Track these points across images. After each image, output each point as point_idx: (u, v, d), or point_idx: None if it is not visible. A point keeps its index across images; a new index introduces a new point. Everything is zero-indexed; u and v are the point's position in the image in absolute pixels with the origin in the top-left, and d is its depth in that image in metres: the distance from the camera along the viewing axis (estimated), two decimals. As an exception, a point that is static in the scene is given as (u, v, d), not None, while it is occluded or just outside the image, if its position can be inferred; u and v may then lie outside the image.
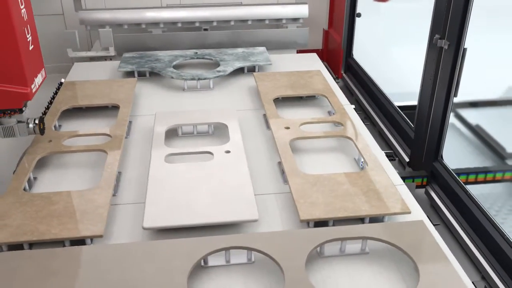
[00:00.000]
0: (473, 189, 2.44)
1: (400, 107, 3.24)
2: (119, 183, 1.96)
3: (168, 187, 1.82)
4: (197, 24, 3.56)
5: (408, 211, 1.72)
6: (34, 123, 2.00)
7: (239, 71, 2.99)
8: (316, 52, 3.52)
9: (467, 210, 2.33)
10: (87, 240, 1.62)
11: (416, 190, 2.63)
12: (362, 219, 1.73)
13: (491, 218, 2.20)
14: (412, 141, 2.87)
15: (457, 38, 2.33)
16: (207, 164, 1.97)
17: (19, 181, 1.85)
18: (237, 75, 2.97)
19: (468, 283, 1.48)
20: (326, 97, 2.58)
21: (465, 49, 2.31)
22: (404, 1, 4.58)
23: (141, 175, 2.01)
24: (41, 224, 1.62)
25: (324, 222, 1.70)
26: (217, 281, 1.50)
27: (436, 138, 2.57)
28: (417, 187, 2.65)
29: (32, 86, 1.87)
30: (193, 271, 1.47)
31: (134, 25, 3.50)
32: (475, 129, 3.34)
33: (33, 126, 2.00)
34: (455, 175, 2.48)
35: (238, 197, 1.77)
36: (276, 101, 2.54)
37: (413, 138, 2.85)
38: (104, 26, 3.44)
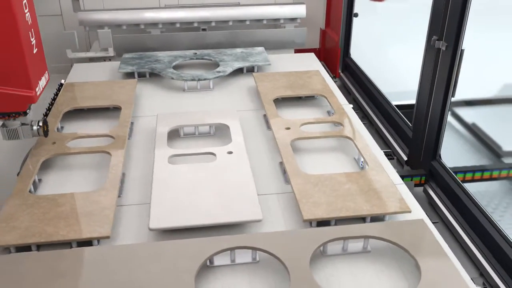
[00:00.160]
0: (470, 187, 2.48)
1: (396, 106, 3.27)
2: (123, 184, 1.98)
3: (172, 188, 1.84)
4: (195, 25, 3.58)
5: (408, 210, 1.75)
6: (38, 125, 2.01)
7: (238, 71, 3.01)
8: (313, 51, 3.54)
9: (465, 208, 2.37)
10: (93, 241, 1.65)
11: (415, 188, 2.67)
12: (363, 218, 1.76)
13: (489, 216, 2.24)
14: (410, 140, 2.90)
15: (454, 40, 2.36)
16: (210, 165, 1.99)
17: (24, 183, 1.87)
18: (236, 75, 3.00)
19: (467, 279, 1.51)
20: (325, 97, 2.61)
21: (462, 51, 2.35)
22: (400, 1, 4.62)
23: (144, 176, 2.03)
24: (49, 226, 1.64)
25: (326, 221, 1.74)
26: (223, 280, 1.53)
27: (434, 138, 2.61)
28: (415, 186, 2.69)
29: (37, 89, 1.89)
30: (199, 270, 1.50)
31: (133, 25, 3.51)
32: (471, 128, 3.38)
33: (37, 128, 2.01)
34: (453, 173, 2.52)
35: (242, 197, 1.80)
36: (276, 101, 2.56)
37: (411, 138, 2.88)
38: (103, 27, 3.45)
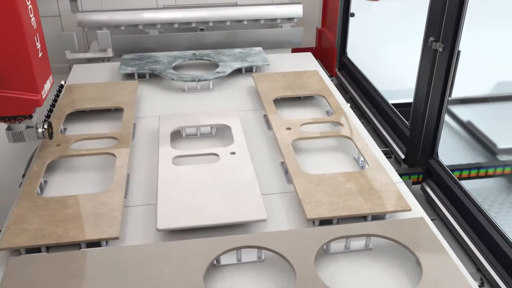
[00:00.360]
0: (466, 184, 2.54)
1: (393, 104, 3.32)
2: (128, 185, 2.01)
3: (177, 189, 1.88)
4: (193, 25, 3.60)
5: (408, 208, 1.80)
6: (43, 127, 2.03)
7: (237, 71, 3.04)
8: (310, 51, 3.58)
9: (461, 205, 2.42)
10: (102, 242, 1.68)
11: (412, 186, 2.72)
12: (364, 217, 1.81)
13: (485, 212, 2.29)
14: (407, 139, 2.95)
15: (451, 41, 2.40)
16: (213, 166, 2.03)
17: (32, 186, 1.90)
18: (235, 75, 3.03)
19: (466, 275, 1.56)
20: (324, 97, 2.65)
21: (459, 52, 2.39)
22: (395, 0, 4.67)
23: (148, 177, 2.06)
24: (58, 227, 1.67)
25: (329, 220, 1.78)
26: (230, 279, 1.57)
27: (431, 136, 2.66)
28: (413, 184, 2.74)
29: (42, 93, 1.91)
30: (207, 270, 1.54)
31: (131, 26, 3.53)
32: (466, 126, 3.43)
33: (42, 131, 2.03)
34: (450, 171, 2.57)
35: (246, 197, 1.83)
36: (275, 101, 2.60)
37: (408, 136, 2.93)
38: (102, 28, 3.47)
